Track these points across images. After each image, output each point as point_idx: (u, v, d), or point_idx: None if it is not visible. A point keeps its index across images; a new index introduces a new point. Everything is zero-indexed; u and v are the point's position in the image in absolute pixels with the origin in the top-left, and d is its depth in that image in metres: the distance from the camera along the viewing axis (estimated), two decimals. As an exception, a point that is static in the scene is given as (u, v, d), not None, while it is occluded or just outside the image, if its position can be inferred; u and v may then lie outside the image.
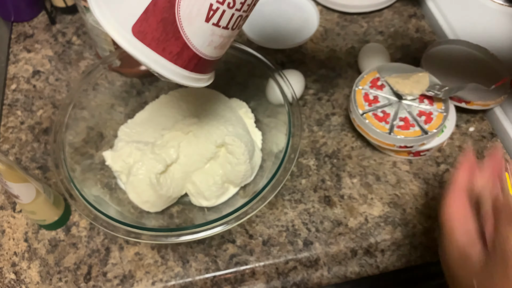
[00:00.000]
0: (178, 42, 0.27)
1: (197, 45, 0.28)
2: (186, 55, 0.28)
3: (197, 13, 0.26)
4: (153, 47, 0.27)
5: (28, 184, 0.39)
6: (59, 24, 0.63)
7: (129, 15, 0.26)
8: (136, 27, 0.26)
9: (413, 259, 0.44)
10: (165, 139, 0.44)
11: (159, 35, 0.27)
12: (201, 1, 0.26)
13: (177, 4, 0.26)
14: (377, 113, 0.47)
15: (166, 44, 0.27)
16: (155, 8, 0.26)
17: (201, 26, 0.27)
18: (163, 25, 0.26)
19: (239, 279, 0.42)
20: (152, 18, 0.26)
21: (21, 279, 0.42)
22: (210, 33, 0.28)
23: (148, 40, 0.27)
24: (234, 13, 0.27)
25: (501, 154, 0.33)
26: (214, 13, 0.27)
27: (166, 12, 0.26)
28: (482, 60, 0.53)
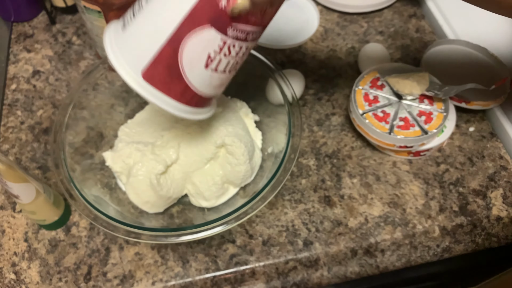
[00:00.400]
0: (181, 84, 0.32)
1: (198, 86, 0.32)
2: (188, 94, 0.32)
3: (197, 61, 0.31)
4: (160, 88, 0.31)
5: (28, 184, 0.39)
6: (59, 24, 0.63)
7: (140, 62, 0.31)
8: (145, 72, 0.31)
9: (413, 259, 0.44)
10: (165, 139, 0.44)
11: (165, 78, 0.31)
12: (200, 51, 0.30)
13: (180, 53, 0.30)
14: (377, 113, 0.47)
15: (171, 85, 0.31)
16: (162, 56, 0.30)
17: (200, 71, 0.31)
18: (169, 70, 0.31)
19: (239, 279, 0.42)
20: (159, 65, 0.30)
21: (21, 279, 0.42)
22: (208, 77, 0.32)
23: (156, 83, 0.31)
24: (230, 60, 0.32)
25: None
26: (212, 61, 0.31)
27: (171, 60, 0.30)
28: (482, 60, 0.53)
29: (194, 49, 0.30)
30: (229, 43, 0.31)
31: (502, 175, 0.48)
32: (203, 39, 0.30)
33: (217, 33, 0.30)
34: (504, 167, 0.48)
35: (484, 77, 0.51)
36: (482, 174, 0.48)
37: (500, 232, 0.45)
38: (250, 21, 0.30)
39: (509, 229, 0.45)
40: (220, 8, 0.28)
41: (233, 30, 0.30)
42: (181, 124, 0.45)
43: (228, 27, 0.29)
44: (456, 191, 0.47)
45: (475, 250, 0.45)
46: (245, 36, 0.31)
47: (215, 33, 0.29)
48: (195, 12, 0.29)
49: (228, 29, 0.30)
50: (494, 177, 0.48)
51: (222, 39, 0.30)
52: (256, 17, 0.30)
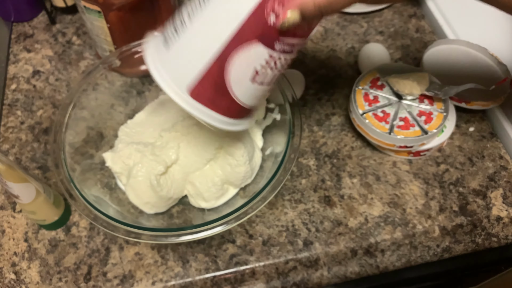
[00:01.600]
0: (228, 99, 0.32)
1: (243, 100, 0.33)
2: (234, 108, 0.33)
3: (244, 76, 0.31)
4: (207, 105, 0.32)
5: (28, 184, 0.39)
6: (59, 24, 0.63)
7: (185, 80, 0.31)
8: (193, 90, 0.31)
9: (413, 259, 0.44)
10: (165, 140, 0.44)
11: (212, 95, 0.31)
12: (247, 66, 0.30)
13: (227, 70, 0.30)
14: (377, 113, 0.47)
15: (217, 101, 0.32)
16: (209, 74, 0.30)
17: (247, 86, 0.32)
18: (215, 87, 0.31)
19: (239, 279, 0.42)
20: (206, 82, 0.31)
21: (21, 279, 0.42)
22: (253, 90, 0.32)
23: (203, 100, 0.31)
24: (275, 73, 0.32)
25: None
26: (258, 75, 0.31)
27: (218, 77, 0.30)
28: (482, 60, 0.53)
29: (241, 65, 0.30)
30: (276, 57, 0.31)
31: (502, 175, 0.48)
32: (250, 55, 0.30)
33: (264, 48, 0.29)
34: (504, 167, 0.48)
35: (484, 77, 0.51)
36: (482, 174, 0.48)
37: (500, 232, 0.45)
38: (297, 34, 0.30)
39: (509, 229, 0.45)
40: (269, 25, 0.28)
41: (280, 44, 0.30)
42: (181, 125, 0.45)
43: (275, 41, 0.29)
44: (456, 191, 0.47)
45: (475, 250, 0.45)
46: (291, 49, 0.31)
47: (263, 49, 0.29)
48: (243, 30, 0.29)
49: (275, 44, 0.30)
50: (494, 177, 0.48)
51: (269, 53, 0.30)
52: (303, 30, 0.30)
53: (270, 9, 0.28)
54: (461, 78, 0.51)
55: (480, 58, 0.53)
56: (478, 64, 0.53)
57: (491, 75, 0.51)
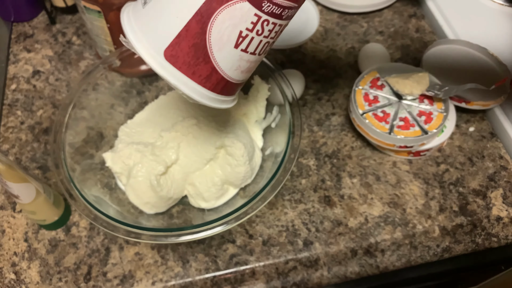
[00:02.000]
0: (208, 66, 0.29)
1: (225, 69, 0.29)
2: (215, 78, 0.29)
3: (227, 39, 0.28)
4: (183, 70, 0.28)
5: (28, 184, 0.39)
6: (59, 24, 0.63)
7: (162, 39, 0.28)
8: (168, 51, 0.28)
9: (413, 259, 0.44)
10: (165, 140, 0.44)
11: (190, 59, 0.28)
12: (231, 28, 0.27)
13: (209, 30, 0.27)
14: (377, 113, 0.47)
15: (196, 67, 0.28)
16: (188, 33, 0.27)
17: (230, 52, 0.28)
18: (194, 49, 0.28)
19: (239, 279, 0.42)
20: (184, 43, 0.27)
21: (21, 279, 0.42)
22: (238, 58, 0.29)
23: (179, 64, 0.28)
24: (262, 40, 0.29)
25: None
26: (243, 39, 0.28)
27: (198, 38, 0.27)
28: (482, 60, 0.53)
29: (225, 25, 0.27)
30: (263, 19, 0.28)
31: (502, 175, 0.48)
32: (236, 15, 0.27)
33: (251, 8, 0.27)
34: (504, 167, 0.48)
35: (484, 77, 0.51)
36: (482, 174, 0.48)
37: (500, 232, 0.45)
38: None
39: (509, 229, 0.45)
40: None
41: (268, 5, 0.27)
42: (181, 125, 0.45)
43: (263, 1, 0.27)
44: (456, 191, 0.47)
45: (475, 250, 0.45)
46: (280, 12, 0.28)
47: (249, 7, 0.27)
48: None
49: (263, 3, 0.27)
50: (494, 177, 0.48)
51: (256, 14, 0.27)
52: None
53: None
54: (461, 78, 0.51)
55: (480, 58, 0.53)
56: (478, 64, 0.53)
57: (491, 75, 0.51)
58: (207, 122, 0.45)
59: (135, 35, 0.28)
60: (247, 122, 0.48)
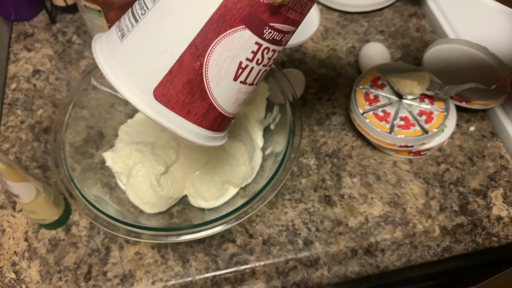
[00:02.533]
0: (205, 103, 0.26)
1: (223, 105, 0.27)
2: (212, 115, 0.27)
3: (226, 72, 0.25)
4: (177, 110, 0.25)
5: (28, 184, 0.39)
6: (59, 23, 0.63)
7: (150, 78, 0.24)
8: (158, 90, 0.24)
9: (413, 258, 0.44)
10: (165, 139, 0.44)
11: (184, 97, 0.25)
12: (231, 60, 0.25)
13: (206, 64, 0.24)
14: (377, 113, 0.47)
15: (191, 106, 0.25)
16: (181, 69, 0.24)
17: (229, 85, 0.26)
18: (189, 86, 0.25)
19: (239, 278, 0.42)
20: (177, 80, 0.24)
21: (21, 279, 0.42)
22: (237, 91, 0.27)
23: (172, 104, 0.25)
24: (261, 69, 0.27)
25: None
26: (242, 71, 0.26)
27: (193, 73, 0.24)
28: (483, 59, 0.53)
29: (223, 57, 0.24)
30: (264, 47, 0.26)
31: (503, 175, 0.48)
32: (235, 45, 0.24)
33: (252, 36, 0.24)
34: (504, 167, 0.48)
35: (484, 77, 0.51)
36: (483, 174, 0.48)
37: (501, 231, 0.45)
38: (289, 19, 0.25)
39: (509, 228, 0.45)
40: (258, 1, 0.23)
41: (270, 31, 0.25)
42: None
43: (265, 27, 0.24)
44: (456, 190, 0.47)
45: (475, 249, 0.45)
46: (280, 38, 0.26)
47: (250, 36, 0.24)
48: (225, 10, 0.23)
49: (264, 30, 0.25)
50: (495, 177, 0.48)
51: (257, 42, 0.25)
52: (295, 12, 0.25)
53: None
54: (462, 78, 0.51)
55: (481, 57, 0.53)
56: (479, 63, 0.53)
57: (492, 75, 0.51)
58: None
59: (116, 75, 0.24)
60: (248, 122, 0.48)
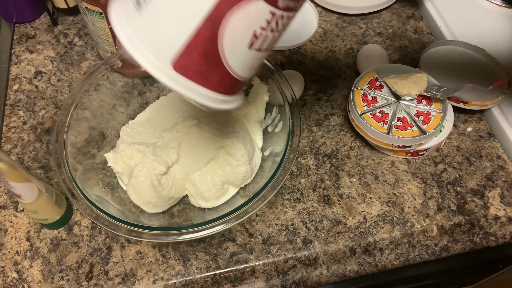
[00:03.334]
0: (220, 72, 0.27)
1: (238, 71, 0.28)
2: (227, 82, 0.28)
3: (241, 41, 0.26)
4: (195, 79, 0.26)
5: (30, 184, 0.39)
6: (61, 25, 0.63)
7: (169, 51, 0.25)
8: (177, 62, 0.26)
9: (411, 258, 0.44)
10: (166, 140, 0.44)
11: (201, 67, 0.26)
12: (245, 30, 0.25)
13: (220, 35, 0.25)
14: (375, 113, 0.47)
15: (208, 74, 0.27)
16: (197, 41, 0.25)
17: (243, 53, 0.27)
18: (205, 57, 0.26)
19: (239, 277, 0.43)
20: (194, 51, 0.25)
21: (23, 278, 0.42)
22: (251, 58, 0.27)
23: (190, 74, 0.26)
24: (275, 35, 0.27)
25: None
26: (256, 39, 0.26)
27: (209, 44, 0.25)
28: (480, 60, 0.53)
29: (238, 28, 0.25)
30: (278, 15, 0.26)
31: (500, 175, 0.48)
32: (249, 15, 0.25)
33: (266, 5, 0.25)
34: (501, 167, 0.49)
35: (481, 78, 0.51)
36: (480, 174, 0.48)
37: (498, 231, 0.45)
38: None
39: (506, 228, 0.45)
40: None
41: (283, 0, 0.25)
42: (181, 125, 0.45)
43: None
44: (454, 190, 0.47)
45: (473, 249, 0.45)
46: (295, 4, 0.26)
47: (264, 5, 0.25)
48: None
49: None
50: (492, 177, 0.48)
51: (272, 11, 0.25)
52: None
53: None
54: (459, 79, 0.51)
55: (478, 58, 0.54)
56: (476, 64, 0.53)
57: (489, 76, 0.52)
58: (207, 123, 0.45)
59: (136, 48, 0.25)
60: (247, 123, 0.49)
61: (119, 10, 0.26)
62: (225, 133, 0.44)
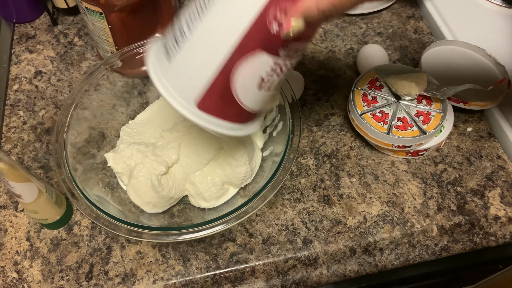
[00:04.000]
0: (235, 108, 0.32)
1: (251, 106, 0.33)
2: (243, 114, 0.33)
3: (250, 85, 0.31)
4: (215, 114, 0.32)
5: (30, 184, 0.39)
6: (60, 25, 0.63)
7: (191, 93, 0.31)
8: (200, 102, 0.31)
9: (411, 258, 0.44)
10: (166, 140, 0.44)
11: (220, 106, 0.32)
12: (253, 76, 0.31)
13: (232, 82, 0.30)
14: (375, 113, 0.47)
15: (225, 110, 0.32)
16: (215, 86, 0.31)
17: (254, 94, 0.32)
18: (222, 98, 0.31)
19: (239, 277, 0.43)
20: (212, 95, 0.31)
21: (23, 278, 0.42)
22: (261, 96, 0.33)
23: (211, 111, 0.32)
24: (281, 78, 0.32)
25: None
26: (264, 82, 0.31)
27: (224, 89, 0.31)
28: (480, 60, 0.53)
29: (246, 75, 0.30)
30: (281, 63, 0.31)
31: (500, 175, 0.48)
32: (255, 65, 0.30)
33: (269, 57, 0.29)
34: (501, 167, 0.49)
35: (482, 78, 0.51)
36: (480, 174, 0.48)
37: (498, 231, 0.45)
38: (301, 39, 0.30)
39: (506, 228, 0.45)
40: (272, 34, 0.28)
41: (284, 51, 0.30)
42: (181, 125, 0.45)
43: (279, 48, 0.29)
44: (454, 190, 0.47)
45: (473, 249, 0.45)
46: (294, 53, 0.31)
47: (267, 57, 0.29)
48: (245, 40, 0.28)
49: (279, 51, 0.29)
50: (492, 177, 0.48)
51: (274, 61, 0.30)
52: (307, 34, 0.30)
53: (272, 18, 0.27)
54: (459, 79, 0.51)
55: (478, 58, 0.54)
56: (476, 64, 0.53)
57: (489, 76, 0.52)
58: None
59: (168, 91, 0.31)
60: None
61: (153, 58, 0.32)
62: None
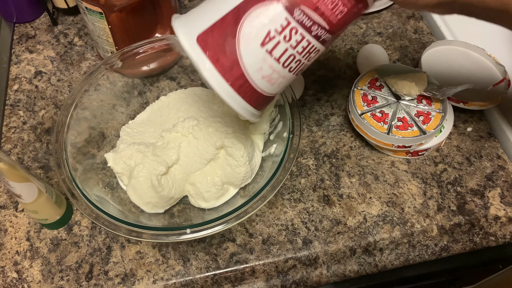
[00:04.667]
0: (231, 57, 0.31)
1: (247, 65, 0.31)
2: (235, 71, 0.31)
3: (255, 35, 0.30)
4: (209, 55, 0.31)
5: (30, 184, 0.39)
6: (61, 25, 0.63)
7: (198, 26, 0.31)
8: (200, 35, 0.31)
9: (411, 258, 0.44)
10: (166, 140, 0.44)
11: (218, 46, 0.30)
12: (261, 26, 0.30)
13: (241, 24, 0.30)
14: (375, 113, 0.47)
15: (220, 55, 0.31)
16: (222, 23, 0.30)
17: (255, 49, 0.30)
18: (224, 37, 0.30)
19: (239, 277, 0.43)
20: (216, 31, 0.30)
21: (23, 278, 0.42)
22: (261, 58, 0.31)
23: (207, 48, 0.31)
24: (287, 48, 0.31)
25: None
26: (270, 40, 0.30)
27: (230, 28, 0.30)
28: (480, 60, 0.53)
29: (256, 22, 0.30)
30: (292, 26, 0.30)
31: (500, 175, 0.48)
32: (268, 13, 0.29)
33: (283, 10, 0.29)
34: (501, 167, 0.49)
35: (481, 78, 0.51)
36: (480, 174, 0.48)
37: (498, 231, 0.45)
38: (319, 10, 0.29)
39: (506, 228, 0.45)
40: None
41: (299, 13, 0.29)
42: (181, 125, 0.45)
43: (296, 7, 0.29)
44: (454, 190, 0.47)
45: (473, 249, 0.45)
46: (310, 25, 0.30)
47: (281, 10, 0.29)
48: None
49: (295, 10, 0.29)
50: (492, 177, 0.48)
51: (287, 18, 0.29)
52: (325, 9, 0.29)
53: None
54: (459, 79, 0.51)
55: (478, 59, 0.54)
56: (476, 64, 0.53)
57: (489, 76, 0.52)
58: (207, 123, 0.45)
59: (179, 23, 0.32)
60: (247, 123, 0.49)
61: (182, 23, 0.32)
62: (224, 133, 0.44)
